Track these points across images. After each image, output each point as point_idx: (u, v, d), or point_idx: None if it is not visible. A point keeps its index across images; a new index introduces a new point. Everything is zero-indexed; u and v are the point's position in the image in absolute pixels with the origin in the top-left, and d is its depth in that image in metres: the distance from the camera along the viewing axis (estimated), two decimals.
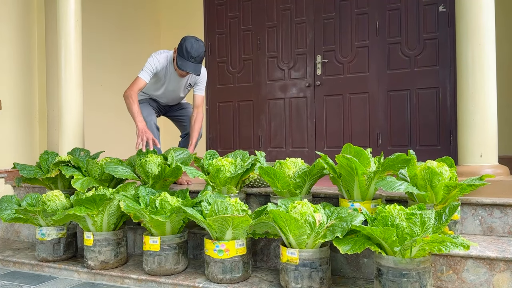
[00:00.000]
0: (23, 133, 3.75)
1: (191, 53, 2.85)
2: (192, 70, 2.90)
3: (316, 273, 1.94)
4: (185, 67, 2.88)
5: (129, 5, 4.76)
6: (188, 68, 2.88)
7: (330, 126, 4.41)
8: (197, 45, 2.89)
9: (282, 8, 4.61)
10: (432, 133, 4.01)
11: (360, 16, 4.27)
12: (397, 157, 2.08)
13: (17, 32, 3.69)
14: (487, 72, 2.46)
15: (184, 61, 2.87)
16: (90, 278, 2.43)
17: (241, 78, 4.84)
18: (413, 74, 4.07)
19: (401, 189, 2.00)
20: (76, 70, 3.38)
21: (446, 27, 3.94)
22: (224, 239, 2.11)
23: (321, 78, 4.42)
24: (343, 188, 2.25)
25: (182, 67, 2.88)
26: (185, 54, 2.87)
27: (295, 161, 2.43)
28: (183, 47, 2.88)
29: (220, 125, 4.96)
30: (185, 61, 2.87)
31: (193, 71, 2.91)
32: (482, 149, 2.46)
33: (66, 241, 2.64)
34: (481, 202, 2.26)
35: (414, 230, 1.75)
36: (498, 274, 1.92)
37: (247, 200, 2.70)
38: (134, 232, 2.77)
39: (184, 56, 2.87)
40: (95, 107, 4.20)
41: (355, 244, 1.82)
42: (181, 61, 2.88)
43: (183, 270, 2.34)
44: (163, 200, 2.26)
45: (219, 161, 2.51)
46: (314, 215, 1.93)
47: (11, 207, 2.64)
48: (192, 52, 2.86)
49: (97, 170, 2.79)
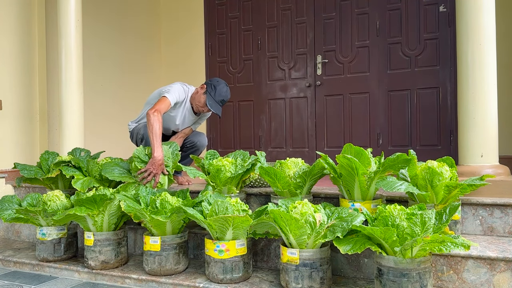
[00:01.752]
0: (24, 133, 3.75)
1: (222, 98, 2.95)
2: (218, 112, 2.97)
3: (317, 273, 1.94)
4: (214, 108, 2.93)
5: (129, 5, 4.76)
6: (216, 109, 2.95)
7: (330, 126, 4.41)
8: (227, 91, 3.00)
9: (282, 8, 4.61)
10: (432, 133, 4.01)
11: (361, 16, 4.27)
12: (397, 157, 2.08)
13: (17, 32, 3.70)
14: (488, 72, 2.46)
15: (214, 102, 2.93)
16: (91, 278, 2.43)
17: (242, 78, 4.84)
18: (414, 74, 4.07)
19: (401, 189, 2.00)
20: (76, 70, 3.38)
21: (447, 27, 3.94)
22: (225, 239, 2.11)
23: (322, 78, 4.42)
24: (344, 188, 2.25)
25: (211, 107, 2.92)
26: (217, 96, 2.93)
27: (296, 161, 2.43)
28: (216, 90, 2.93)
29: (221, 125, 4.96)
30: (214, 103, 2.93)
31: (219, 113, 2.98)
32: (483, 149, 2.46)
33: (67, 241, 2.64)
34: (482, 202, 2.26)
35: (415, 230, 1.75)
36: (499, 274, 1.92)
37: (247, 200, 2.70)
38: (134, 232, 2.77)
39: (215, 98, 2.93)
40: (95, 107, 4.20)
41: (355, 244, 1.82)
42: (211, 101, 2.92)
43: (184, 270, 2.34)
44: (164, 200, 2.26)
45: (220, 161, 2.51)
46: (315, 215, 1.93)
47: (11, 207, 2.65)
48: (225, 97, 2.97)
49: (98, 170, 2.79)
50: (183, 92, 2.97)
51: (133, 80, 4.73)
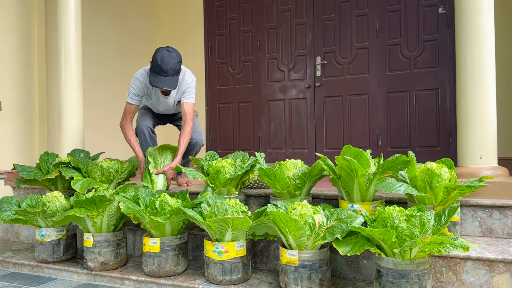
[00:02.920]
0: (23, 134, 3.75)
1: (162, 67, 2.61)
2: (166, 85, 2.65)
3: (316, 274, 1.94)
4: (158, 82, 2.63)
5: (129, 7, 4.77)
6: (161, 83, 2.63)
7: (329, 127, 4.41)
8: (169, 57, 2.63)
9: (282, 10, 4.62)
10: (431, 134, 4.01)
11: (360, 18, 4.27)
12: (396, 158, 2.08)
13: (17, 32, 3.70)
14: (487, 73, 2.46)
15: (156, 76, 2.64)
16: (90, 279, 2.43)
17: (241, 79, 4.84)
18: (413, 76, 4.07)
19: (400, 191, 2.00)
20: (76, 71, 3.38)
21: (446, 28, 3.94)
22: (224, 240, 2.12)
23: (321, 80, 4.43)
24: (343, 189, 2.25)
25: (154, 83, 2.63)
26: (156, 68, 2.63)
27: (295, 163, 2.44)
28: (153, 61, 2.65)
29: (220, 126, 4.96)
30: (157, 76, 2.63)
31: (168, 86, 2.66)
32: (482, 151, 2.46)
33: (66, 242, 2.64)
34: (481, 203, 2.26)
35: (414, 232, 1.76)
36: (498, 275, 1.92)
37: (246, 201, 2.70)
38: (134, 233, 2.77)
39: (156, 71, 2.63)
40: (95, 108, 4.20)
41: (354, 245, 1.82)
42: (153, 76, 2.64)
43: (183, 271, 2.34)
44: (163, 201, 2.26)
45: (219, 163, 2.51)
46: (314, 217, 1.93)
47: (11, 208, 2.65)
48: (163, 65, 2.61)
49: (97, 171, 2.80)
50: (138, 80, 2.85)
51: None
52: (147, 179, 2.71)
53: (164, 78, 2.64)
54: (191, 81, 2.91)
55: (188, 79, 2.89)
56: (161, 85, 2.65)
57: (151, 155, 2.78)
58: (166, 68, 2.62)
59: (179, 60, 2.72)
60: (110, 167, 2.82)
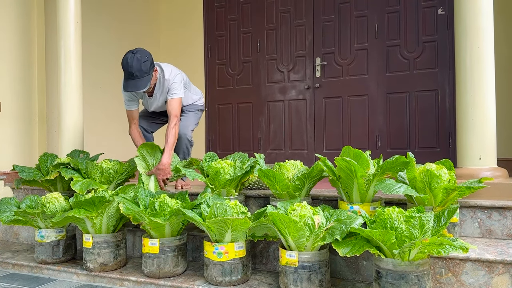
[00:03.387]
0: (23, 135, 3.75)
1: (128, 70, 2.62)
2: (134, 88, 2.64)
3: (315, 275, 1.94)
4: (127, 87, 2.64)
5: (128, 8, 4.77)
6: (131, 87, 2.63)
7: (329, 128, 4.41)
8: (132, 59, 2.61)
9: (281, 11, 4.62)
10: (431, 135, 4.01)
11: (359, 19, 4.27)
12: (396, 159, 2.08)
13: (17, 33, 3.70)
14: (486, 74, 2.47)
15: (126, 81, 2.65)
16: (89, 280, 2.43)
17: (241, 80, 4.84)
18: (412, 77, 4.08)
19: (400, 192, 2.00)
20: (75, 72, 3.38)
21: (445, 29, 3.95)
22: (224, 241, 2.11)
23: (321, 81, 4.43)
24: (342, 190, 2.25)
25: (125, 88, 2.66)
26: (124, 72, 2.64)
27: (295, 164, 2.44)
28: (122, 66, 2.65)
29: (220, 127, 4.96)
30: (127, 81, 2.64)
31: (138, 88, 2.64)
32: (481, 152, 2.46)
33: (65, 243, 2.64)
34: (480, 204, 2.26)
35: (413, 233, 1.76)
36: (497, 276, 1.92)
37: (246, 202, 2.70)
38: (133, 234, 2.77)
39: (124, 76, 2.64)
40: (94, 109, 4.20)
41: (354, 246, 1.82)
42: (124, 81, 2.66)
43: (182, 272, 2.34)
44: (163, 202, 2.26)
45: (219, 163, 2.51)
46: (313, 218, 1.93)
47: (10, 209, 2.64)
48: (128, 68, 2.61)
49: (97, 172, 2.80)
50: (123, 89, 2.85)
51: None
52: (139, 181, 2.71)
53: (132, 81, 2.63)
54: (173, 77, 2.85)
55: (169, 77, 2.84)
56: (132, 88, 2.64)
57: (138, 156, 2.73)
58: (132, 70, 2.61)
59: (146, 60, 2.66)
60: (110, 168, 2.81)
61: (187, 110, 3.12)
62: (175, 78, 2.86)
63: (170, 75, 2.85)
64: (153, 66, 2.73)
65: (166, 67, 2.88)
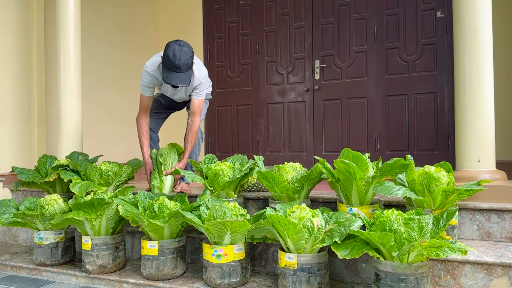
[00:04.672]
0: (22, 136, 3.75)
1: (174, 63, 2.52)
2: (179, 82, 2.56)
3: (314, 278, 1.94)
4: (171, 79, 2.54)
5: (128, 9, 4.77)
6: (175, 80, 2.54)
7: (328, 130, 4.41)
8: (181, 52, 2.53)
9: (281, 13, 4.63)
10: (430, 138, 4.02)
11: (359, 21, 4.28)
12: (395, 162, 2.09)
13: (16, 36, 3.70)
14: (485, 77, 2.47)
15: (169, 73, 2.54)
16: (88, 283, 2.43)
17: (240, 82, 4.85)
18: (411, 79, 4.08)
19: (399, 194, 2.01)
20: (75, 74, 3.39)
21: (444, 32, 3.96)
22: (223, 243, 2.11)
23: (320, 83, 4.44)
24: (342, 192, 2.25)
25: (167, 79, 2.54)
26: (168, 64, 2.53)
27: (294, 166, 2.44)
28: (165, 57, 2.55)
29: (219, 129, 4.96)
30: (170, 73, 2.54)
31: (181, 83, 2.57)
32: (480, 154, 2.47)
33: (64, 245, 2.64)
34: (479, 207, 2.26)
35: (412, 235, 1.76)
36: (496, 279, 1.92)
37: (245, 204, 2.70)
38: (132, 236, 2.77)
39: (168, 67, 2.54)
40: (93, 111, 4.20)
41: (353, 249, 1.82)
42: (166, 72, 2.55)
43: (181, 274, 2.34)
44: (162, 204, 2.26)
45: (218, 166, 2.51)
46: (313, 220, 1.93)
47: (9, 211, 2.64)
48: (176, 61, 2.51)
49: (96, 174, 2.79)
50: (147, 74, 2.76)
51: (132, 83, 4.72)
52: (157, 179, 2.73)
53: (177, 74, 2.55)
54: (203, 77, 2.79)
55: (199, 76, 2.77)
56: (175, 82, 2.55)
57: (161, 156, 2.79)
58: (179, 64, 2.52)
59: (192, 54, 2.61)
60: (109, 170, 2.81)
61: None
62: (204, 79, 2.80)
63: (200, 74, 2.77)
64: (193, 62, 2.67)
65: (197, 63, 2.79)
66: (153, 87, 2.88)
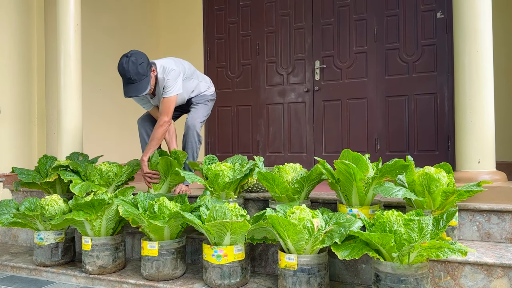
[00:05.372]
0: (22, 137, 3.75)
1: (125, 76, 2.56)
2: (136, 92, 2.58)
3: (314, 278, 1.94)
4: (128, 92, 2.58)
5: (128, 11, 4.78)
6: (131, 92, 2.57)
7: (328, 131, 4.42)
8: (128, 63, 2.55)
9: (281, 14, 4.63)
10: (430, 138, 4.02)
11: (359, 22, 4.29)
12: (395, 163, 2.09)
13: (16, 37, 3.70)
14: (485, 78, 2.47)
15: (125, 86, 2.58)
16: (88, 283, 2.43)
17: (240, 82, 4.85)
18: (411, 80, 4.09)
19: (399, 195, 2.01)
20: (75, 75, 3.39)
21: (444, 33, 3.96)
22: (223, 244, 2.11)
23: (320, 84, 4.44)
24: (342, 193, 2.25)
25: (125, 94, 2.59)
26: (122, 78, 2.58)
27: (294, 167, 2.44)
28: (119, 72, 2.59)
29: (219, 130, 4.97)
30: (126, 86, 2.58)
31: (138, 92, 2.58)
32: (480, 155, 2.47)
33: (64, 245, 2.64)
34: (479, 208, 2.26)
35: (412, 236, 1.76)
36: (496, 280, 1.92)
37: (245, 205, 2.70)
38: (132, 237, 2.77)
39: (123, 81, 2.57)
40: (94, 112, 4.20)
41: (353, 249, 1.82)
42: (124, 87, 2.58)
43: (181, 275, 2.34)
44: (162, 205, 2.26)
45: (218, 166, 2.51)
46: (313, 221, 1.93)
47: (9, 211, 2.64)
48: (125, 73, 2.55)
49: (96, 174, 2.79)
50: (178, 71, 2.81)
51: None
52: None
53: (132, 86, 2.58)
54: (166, 74, 2.75)
55: (162, 76, 2.75)
56: (133, 93, 2.59)
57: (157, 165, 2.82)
58: (129, 75, 2.56)
59: (142, 62, 2.59)
60: (109, 171, 2.81)
61: (196, 102, 3.01)
62: (169, 75, 2.75)
63: (163, 73, 2.75)
64: (150, 67, 2.68)
65: (159, 64, 2.78)
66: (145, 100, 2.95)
